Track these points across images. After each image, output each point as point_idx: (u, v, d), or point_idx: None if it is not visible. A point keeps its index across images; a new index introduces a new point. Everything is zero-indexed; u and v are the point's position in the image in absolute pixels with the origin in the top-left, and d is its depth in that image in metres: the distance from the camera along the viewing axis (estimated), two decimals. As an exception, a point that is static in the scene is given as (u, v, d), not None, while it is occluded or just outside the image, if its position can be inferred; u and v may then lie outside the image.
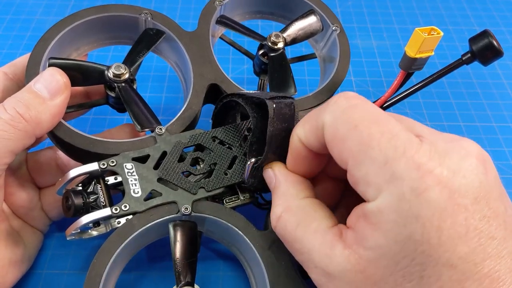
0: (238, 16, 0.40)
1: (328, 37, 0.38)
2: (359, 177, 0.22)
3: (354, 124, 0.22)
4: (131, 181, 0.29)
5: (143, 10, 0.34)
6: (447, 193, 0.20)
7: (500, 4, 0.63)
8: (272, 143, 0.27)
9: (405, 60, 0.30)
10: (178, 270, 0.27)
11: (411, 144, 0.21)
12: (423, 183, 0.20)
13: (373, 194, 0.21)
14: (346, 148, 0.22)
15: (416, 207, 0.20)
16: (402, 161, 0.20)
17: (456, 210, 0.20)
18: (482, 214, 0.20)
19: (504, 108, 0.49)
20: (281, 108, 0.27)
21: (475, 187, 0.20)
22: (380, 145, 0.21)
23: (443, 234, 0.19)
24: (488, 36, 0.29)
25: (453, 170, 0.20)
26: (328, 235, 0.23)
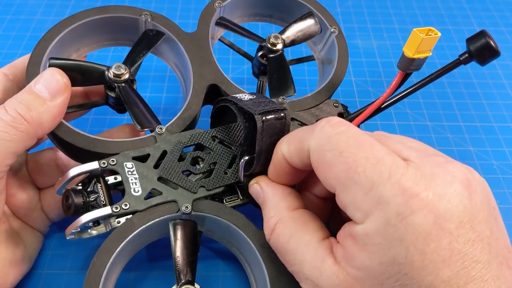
0: (237, 18, 0.40)
1: (327, 39, 0.39)
2: (347, 202, 0.22)
3: (340, 150, 0.23)
4: (131, 180, 0.29)
5: (143, 11, 0.35)
6: (432, 217, 0.20)
7: (500, 4, 0.63)
8: (261, 157, 0.28)
9: (403, 61, 0.30)
10: (178, 269, 0.27)
11: (396, 168, 0.21)
12: (408, 208, 0.20)
13: (361, 218, 0.22)
14: (333, 174, 0.23)
15: (400, 231, 0.20)
16: (388, 186, 0.21)
17: (441, 234, 0.20)
18: (466, 238, 0.20)
19: (504, 108, 0.50)
20: (271, 123, 0.27)
21: (460, 211, 0.20)
22: (365, 170, 0.22)
23: (426, 258, 0.20)
24: (485, 36, 0.29)
25: (438, 194, 0.20)
26: (320, 249, 0.24)
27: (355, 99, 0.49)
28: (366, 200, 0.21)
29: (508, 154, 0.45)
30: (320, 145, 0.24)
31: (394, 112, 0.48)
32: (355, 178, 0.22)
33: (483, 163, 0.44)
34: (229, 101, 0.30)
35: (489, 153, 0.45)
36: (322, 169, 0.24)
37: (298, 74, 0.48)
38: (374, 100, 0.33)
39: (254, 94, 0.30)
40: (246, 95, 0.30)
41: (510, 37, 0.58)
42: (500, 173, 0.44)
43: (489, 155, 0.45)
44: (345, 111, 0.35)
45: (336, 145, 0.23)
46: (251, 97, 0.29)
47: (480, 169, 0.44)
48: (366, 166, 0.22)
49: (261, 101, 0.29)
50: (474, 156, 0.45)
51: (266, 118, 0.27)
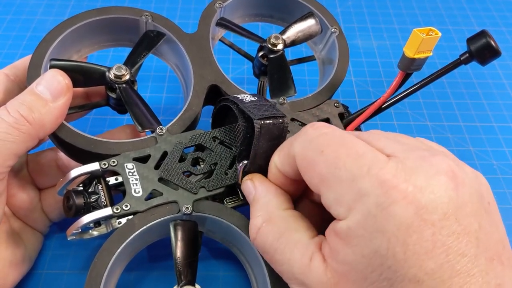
0: (238, 18, 0.40)
1: (327, 39, 0.39)
2: (331, 200, 0.22)
3: (321, 149, 0.23)
4: (132, 181, 0.29)
5: (143, 12, 0.35)
6: (413, 208, 0.20)
7: (500, 4, 0.63)
8: (256, 161, 0.28)
9: (404, 61, 0.30)
10: (179, 270, 0.28)
11: (377, 162, 0.21)
12: (387, 198, 0.20)
13: (343, 213, 0.22)
14: (316, 173, 0.23)
15: (381, 222, 0.20)
16: (367, 179, 0.21)
17: (423, 225, 0.20)
18: (450, 230, 0.20)
19: (504, 108, 0.50)
20: (269, 129, 0.27)
21: (444, 203, 0.20)
22: (346, 165, 0.22)
23: (409, 249, 0.20)
24: (486, 36, 0.29)
25: (419, 186, 0.20)
26: (309, 246, 0.24)
27: (355, 99, 0.50)
28: (348, 194, 0.21)
29: (508, 154, 0.45)
30: (303, 148, 0.24)
31: (394, 112, 0.48)
32: (336, 173, 0.22)
33: (483, 163, 0.44)
34: (230, 101, 0.30)
35: (489, 153, 0.45)
36: (306, 170, 0.24)
37: (298, 74, 0.48)
38: (375, 100, 0.33)
39: (256, 96, 0.30)
40: (248, 97, 0.30)
41: (510, 37, 0.58)
42: (500, 173, 0.44)
43: (489, 155, 0.45)
44: (345, 111, 0.36)
45: (318, 145, 0.23)
46: (253, 98, 0.29)
47: (480, 169, 0.44)
48: (347, 161, 0.22)
49: (262, 105, 0.29)
50: (474, 156, 0.45)
51: (264, 123, 0.27)
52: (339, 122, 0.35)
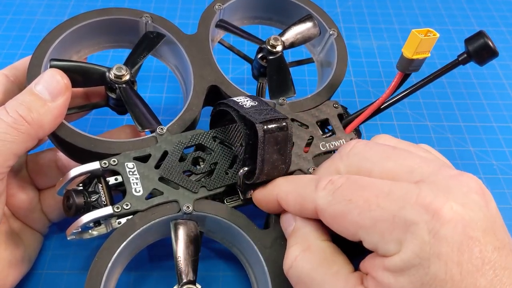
0: (237, 21, 0.40)
1: (326, 41, 0.39)
2: (376, 241, 0.22)
3: (348, 199, 0.23)
4: (133, 180, 0.29)
5: (143, 13, 0.35)
6: (460, 227, 0.20)
7: (500, 4, 0.63)
8: (264, 167, 0.28)
9: (402, 61, 0.31)
10: (179, 269, 0.28)
11: (408, 192, 0.22)
12: (437, 222, 0.20)
13: (394, 249, 0.21)
14: (349, 222, 0.23)
15: (436, 247, 0.20)
16: (408, 208, 0.21)
17: (471, 243, 0.20)
18: (493, 246, 0.20)
19: (504, 108, 0.50)
20: (273, 132, 0.27)
21: (482, 220, 0.21)
22: (379, 205, 0.22)
23: (463, 269, 0.20)
24: (483, 36, 0.30)
25: (460, 204, 0.21)
26: (351, 279, 0.23)
27: (355, 99, 0.50)
28: (393, 230, 0.21)
29: (508, 154, 0.45)
30: (327, 202, 0.24)
31: (394, 112, 0.48)
32: (373, 215, 0.22)
33: (483, 163, 0.45)
34: (230, 107, 0.30)
35: (489, 153, 0.45)
36: (338, 222, 0.24)
37: (297, 74, 0.48)
38: (374, 101, 0.33)
39: (256, 100, 0.30)
40: (248, 101, 0.30)
41: (510, 37, 0.58)
42: (500, 173, 0.44)
43: (489, 155, 0.45)
44: (344, 112, 0.36)
45: (342, 196, 0.24)
46: (253, 103, 0.30)
47: (480, 169, 0.44)
48: (379, 201, 0.22)
49: (263, 109, 0.29)
50: (474, 156, 0.45)
51: (267, 128, 0.27)
52: (338, 122, 0.35)
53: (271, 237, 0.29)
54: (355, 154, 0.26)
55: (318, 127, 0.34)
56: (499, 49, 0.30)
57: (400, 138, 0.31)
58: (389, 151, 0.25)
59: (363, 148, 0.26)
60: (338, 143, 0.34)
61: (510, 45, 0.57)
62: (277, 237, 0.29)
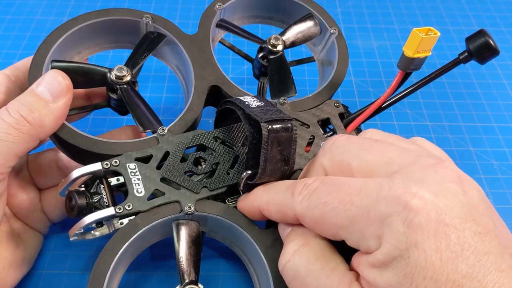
0: (237, 20, 0.40)
1: (326, 40, 0.39)
2: (356, 239, 0.23)
3: (323, 202, 0.24)
4: (134, 181, 0.29)
5: (144, 13, 0.35)
6: (434, 214, 0.20)
7: (500, 4, 0.63)
8: (267, 167, 0.28)
9: (403, 60, 0.31)
10: (182, 269, 0.28)
11: (381, 185, 0.22)
12: (409, 211, 0.21)
13: (374, 244, 0.22)
14: (329, 224, 0.24)
15: (412, 236, 0.20)
16: (382, 202, 0.21)
17: (447, 230, 0.20)
18: (472, 231, 0.20)
19: (504, 108, 0.50)
20: (277, 132, 0.27)
21: (459, 207, 0.21)
22: (353, 203, 0.22)
23: (443, 256, 0.20)
24: (484, 35, 0.30)
25: (433, 192, 0.21)
26: (347, 276, 0.24)
27: (355, 99, 0.50)
28: (370, 225, 0.22)
29: (508, 154, 0.46)
30: (304, 208, 0.25)
31: (394, 112, 0.48)
32: (349, 214, 0.22)
33: (483, 163, 0.45)
34: (236, 105, 0.30)
35: (489, 153, 0.46)
36: (319, 226, 0.24)
37: (298, 74, 0.48)
38: (375, 100, 0.33)
39: (262, 100, 0.30)
40: (254, 101, 0.30)
41: (510, 37, 0.59)
42: (500, 173, 0.44)
43: (489, 155, 0.45)
44: (345, 111, 0.36)
45: (318, 200, 0.24)
46: (259, 103, 0.29)
47: (480, 169, 0.44)
48: (352, 199, 0.22)
49: (269, 109, 0.29)
50: (474, 156, 0.45)
51: (272, 128, 0.27)
52: (339, 122, 0.35)
53: (272, 237, 0.29)
54: (337, 148, 0.26)
55: (319, 126, 0.34)
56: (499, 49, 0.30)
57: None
58: (369, 143, 0.25)
59: (345, 141, 0.26)
60: None
61: (510, 45, 0.57)
62: (278, 237, 0.29)
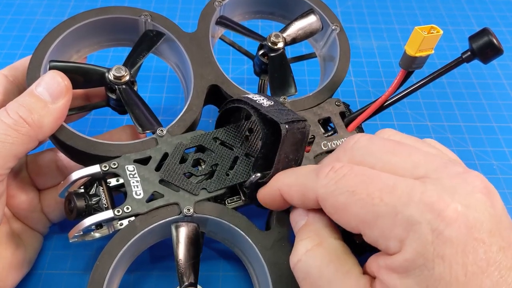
0: (238, 16, 0.40)
1: (328, 36, 0.39)
2: (376, 237, 0.22)
3: (351, 190, 0.23)
4: (133, 183, 0.29)
5: (143, 12, 0.34)
6: (465, 228, 0.20)
7: (500, 4, 0.63)
8: (279, 166, 0.28)
9: (405, 59, 0.30)
10: (180, 271, 0.28)
11: (413, 188, 0.21)
12: (441, 222, 0.20)
13: (395, 246, 0.21)
14: (352, 215, 0.23)
15: (440, 248, 0.20)
16: (412, 206, 0.21)
17: (475, 244, 0.20)
18: (498, 246, 0.20)
19: (504, 108, 0.50)
20: (294, 133, 0.27)
21: (488, 220, 0.20)
22: (383, 200, 0.22)
23: (468, 271, 0.20)
24: (488, 34, 0.29)
25: (465, 204, 0.21)
26: (361, 280, 0.23)
27: (355, 99, 0.49)
28: (395, 227, 0.21)
29: (508, 154, 0.45)
30: (329, 192, 0.24)
31: (394, 112, 0.48)
32: (375, 210, 0.22)
33: (483, 163, 0.44)
34: (248, 105, 0.29)
35: (489, 153, 0.45)
36: (340, 214, 0.24)
37: (298, 74, 0.48)
38: (376, 99, 0.33)
39: (271, 100, 0.29)
40: (264, 100, 0.29)
41: (510, 37, 0.58)
42: (500, 173, 0.44)
43: (489, 155, 0.45)
44: (347, 109, 0.36)
45: (345, 187, 0.23)
46: (270, 102, 0.29)
47: (480, 169, 0.44)
48: (382, 196, 0.22)
49: (282, 109, 0.28)
50: (474, 156, 0.45)
51: (290, 127, 0.27)
52: (340, 121, 0.35)
53: (271, 239, 0.29)
54: (358, 149, 0.25)
55: (320, 125, 0.34)
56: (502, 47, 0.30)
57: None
58: (393, 146, 0.25)
59: (367, 142, 0.25)
60: (340, 142, 0.33)
61: (510, 45, 0.57)
62: (277, 239, 0.29)
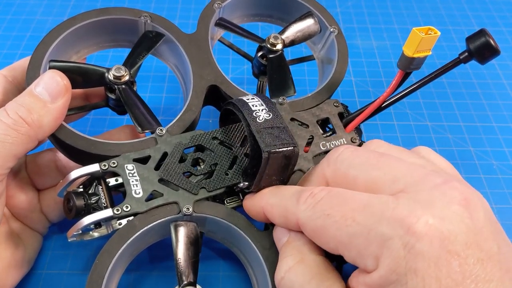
0: (237, 19, 0.40)
1: (326, 38, 0.39)
2: (354, 257, 0.22)
3: (326, 213, 0.23)
4: (132, 182, 0.29)
5: (142, 13, 0.35)
6: (438, 241, 0.20)
7: (500, 4, 0.63)
8: (261, 185, 0.29)
9: (403, 60, 0.30)
10: (180, 271, 0.28)
11: (386, 205, 0.22)
12: (412, 236, 0.20)
13: (372, 264, 0.21)
14: (329, 237, 0.23)
15: (412, 262, 0.20)
16: (384, 223, 0.21)
17: (449, 257, 0.20)
18: (475, 258, 0.20)
19: (504, 108, 0.50)
20: (277, 159, 0.27)
21: (463, 233, 0.20)
22: (355, 220, 0.22)
23: (442, 284, 0.20)
24: (485, 34, 0.29)
25: (438, 217, 0.21)
26: None
27: (355, 99, 0.50)
28: (369, 244, 0.21)
29: (508, 154, 0.45)
30: (307, 217, 0.24)
31: (394, 112, 0.48)
32: (349, 230, 0.22)
33: (483, 163, 0.44)
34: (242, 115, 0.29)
35: (489, 153, 0.45)
36: (319, 237, 0.24)
37: (298, 74, 0.48)
38: (375, 100, 0.33)
39: (270, 111, 0.29)
40: (262, 111, 0.29)
41: (510, 37, 0.58)
42: (500, 173, 0.44)
43: (489, 155, 0.45)
44: (345, 110, 0.36)
45: (322, 211, 0.24)
46: (267, 116, 0.29)
47: (480, 169, 0.44)
48: (355, 216, 0.22)
49: (275, 127, 0.28)
50: (474, 156, 0.45)
51: (272, 155, 0.27)
52: (338, 121, 0.35)
53: (270, 238, 0.29)
54: (342, 161, 0.26)
55: (318, 126, 0.34)
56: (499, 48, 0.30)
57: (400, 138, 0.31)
58: (375, 158, 0.25)
59: (350, 155, 0.26)
60: (339, 142, 0.34)
61: (510, 45, 0.57)
62: None
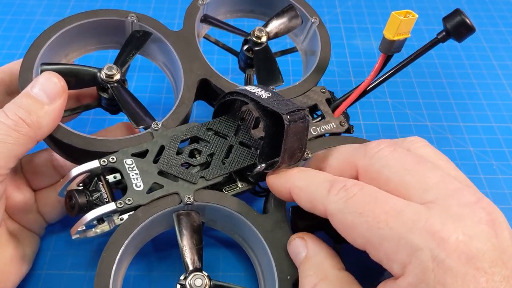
0: (220, 15, 0.45)
1: (308, 30, 0.44)
2: (381, 257, 0.25)
3: (359, 212, 0.25)
4: (132, 175, 0.32)
5: (129, 13, 0.39)
6: (465, 258, 0.22)
7: (500, 4, 0.66)
8: (285, 156, 0.31)
9: (384, 43, 0.34)
10: (185, 258, 0.31)
11: (418, 215, 0.24)
12: (442, 250, 0.22)
13: (398, 269, 0.24)
14: (358, 234, 0.25)
15: (440, 276, 0.22)
16: (416, 233, 0.23)
17: (477, 274, 0.22)
18: (501, 276, 0.22)
19: (504, 108, 0.52)
20: (296, 123, 0.30)
21: (490, 250, 0.23)
22: (388, 224, 0.24)
23: None
24: (460, 14, 0.33)
25: (468, 235, 0.23)
26: None
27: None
28: (399, 251, 0.23)
29: (508, 154, 0.47)
30: (338, 210, 0.26)
31: (394, 112, 0.51)
32: (381, 233, 0.24)
33: (483, 163, 0.47)
34: (248, 97, 0.32)
35: (489, 153, 0.47)
36: (347, 231, 0.26)
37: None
38: (359, 84, 0.38)
39: (268, 91, 0.33)
40: (262, 92, 0.32)
41: (510, 37, 0.61)
42: (500, 173, 0.46)
43: (489, 155, 0.47)
44: (332, 96, 0.40)
45: (354, 207, 0.25)
46: (268, 94, 0.32)
47: (480, 169, 0.47)
48: (388, 220, 0.24)
49: (281, 100, 0.31)
50: (474, 156, 0.47)
51: (292, 118, 0.29)
52: (326, 107, 0.39)
53: (271, 221, 0.33)
54: (379, 158, 0.27)
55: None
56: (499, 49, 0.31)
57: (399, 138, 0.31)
58: (412, 164, 0.27)
59: (388, 154, 0.27)
60: (329, 126, 0.37)
61: (510, 45, 0.59)
62: (277, 221, 0.33)
